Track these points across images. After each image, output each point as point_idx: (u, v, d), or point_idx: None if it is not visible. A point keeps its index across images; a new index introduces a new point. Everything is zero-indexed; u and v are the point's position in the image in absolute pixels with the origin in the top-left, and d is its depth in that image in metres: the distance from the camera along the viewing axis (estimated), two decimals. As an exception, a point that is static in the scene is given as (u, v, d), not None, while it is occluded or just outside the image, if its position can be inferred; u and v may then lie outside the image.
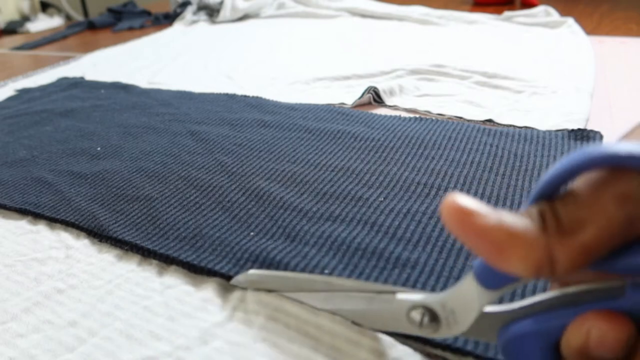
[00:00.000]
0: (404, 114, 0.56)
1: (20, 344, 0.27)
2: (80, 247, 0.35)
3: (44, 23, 1.34)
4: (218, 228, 0.35)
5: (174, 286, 0.31)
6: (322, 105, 0.58)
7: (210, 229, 0.35)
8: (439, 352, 0.25)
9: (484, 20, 1.00)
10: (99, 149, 0.49)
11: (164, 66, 0.81)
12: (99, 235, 0.36)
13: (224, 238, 0.34)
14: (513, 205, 0.37)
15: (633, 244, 0.17)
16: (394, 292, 0.24)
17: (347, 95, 0.63)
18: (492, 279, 0.20)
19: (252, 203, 0.38)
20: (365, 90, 0.60)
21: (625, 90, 0.63)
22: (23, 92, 0.70)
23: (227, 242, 0.33)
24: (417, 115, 0.55)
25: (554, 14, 0.97)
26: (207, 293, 0.30)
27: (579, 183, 0.17)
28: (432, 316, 0.23)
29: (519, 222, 0.17)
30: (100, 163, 0.46)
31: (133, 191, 0.41)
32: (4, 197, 0.41)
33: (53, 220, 0.38)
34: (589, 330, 0.17)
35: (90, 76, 0.76)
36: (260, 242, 0.33)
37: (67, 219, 0.37)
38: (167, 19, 1.25)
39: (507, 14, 1.00)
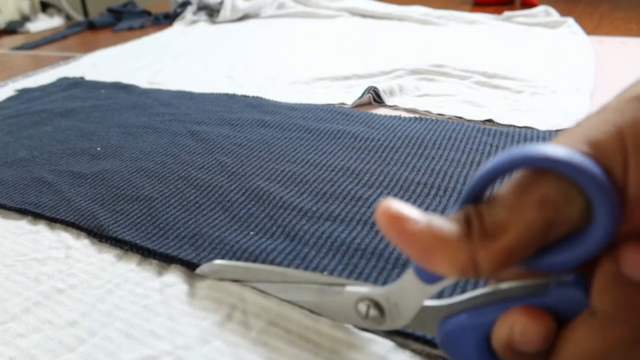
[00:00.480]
0: (404, 114, 0.56)
1: (21, 343, 0.27)
2: (80, 247, 0.35)
3: (44, 23, 1.34)
4: (218, 227, 0.35)
5: (173, 286, 0.31)
6: (322, 105, 0.58)
7: (210, 228, 0.35)
8: (440, 352, 0.25)
9: (484, 20, 1.00)
10: (99, 149, 0.49)
11: (164, 66, 0.81)
12: (99, 235, 0.36)
13: (223, 237, 0.34)
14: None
15: (556, 243, 0.18)
16: (343, 285, 0.25)
17: (347, 95, 0.63)
18: (429, 275, 0.21)
19: (252, 203, 0.38)
20: (365, 90, 0.60)
21: (625, 90, 0.63)
22: (23, 92, 0.70)
23: (227, 242, 0.33)
24: (417, 115, 0.55)
25: (554, 14, 0.97)
26: (207, 292, 0.30)
27: (505, 185, 0.18)
28: (378, 309, 0.24)
29: (445, 227, 0.18)
30: (100, 163, 0.46)
31: (133, 191, 0.41)
32: (4, 197, 0.41)
33: (53, 220, 0.38)
34: (513, 324, 0.18)
35: (90, 76, 0.76)
36: (259, 241, 0.33)
37: (67, 219, 0.37)
38: (167, 19, 1.25)
39: (507, 14, 1.00)
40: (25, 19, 1.38)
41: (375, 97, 0.60)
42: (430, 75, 0.68)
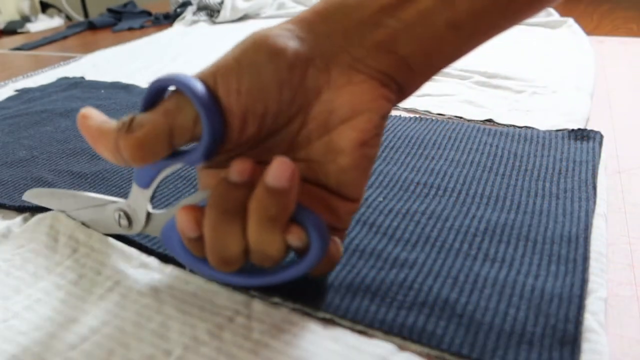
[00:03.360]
0: (404, 114, 0.56)
1: (22, 341, 0.27)
2: (79, 247, 0.35)
3: (44, 23, 1.34)
4: (218, 228, 0.35)
5: (174, 285, 0.31)
6: (322, 105, 0.58)
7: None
8: (440, 353, 0.25)
9: (484, 20, 1.00)
10: (98, 149, 0.49)
11: (164, 66, 0.81)
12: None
13: (223, 238, 0.34)
14: (513, 205, 0.37)
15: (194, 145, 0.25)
16: (112, 202, 0.31)
17: (347, 95, 0.63)
18: (141, 179, 0.28)
19: (252, 203, 0.38)
20: (365, 90, 0.60)
21: (625, 90, 0.63)
22: (23, 92, 0.70)
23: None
24: (417, 115, 0.55)
25: (554, 14, 0.97)
26: (207, 293, 0.30)
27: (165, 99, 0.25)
28: (127, 217, 0.30)
29: (107, 124, 0.24)
30: (100, 163, 0.46)
31: (133, 191, 0.41)
32: (4, 197, 0.41)
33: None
34: (178, 219, 0.26)
35: (90, 76, 0.76)
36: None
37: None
38: (167, 19, 1.25)
39: (507, 14, 1.00)
40: (25, 19, 1.38)
41: (375, 97, 0.60)
42: (430, 75, 0.68)
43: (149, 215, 0.29)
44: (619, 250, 0.33)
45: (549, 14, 0.97)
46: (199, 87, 0.23)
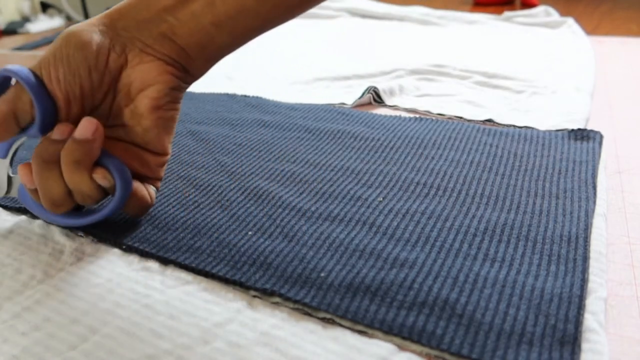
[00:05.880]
0: (404, 114, 0.56)
1: (23, 341, 0.27)
2: (79, 245, 0.35)
3: (44, 24, 1.34)
4: (216, 228, 0.35)
5: (174, 285, 0.31)
6: (322, 105, 0.58)
7: (208, 229, 0.35)
8: (440, 353, 0.25)
9: (484, 20, 1.00)
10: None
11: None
12: (98, 235, 0.35)
13: (222, 239, 0.34)
14: (512, 205, 0.37)
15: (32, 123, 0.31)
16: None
17: (347, 95, 0.63)
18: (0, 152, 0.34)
19: (251, 202, 0.38)
20: (366, 90, 0.60)
21: (625, 90, 0.63)
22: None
23: (225, 244, 0.34)
24: (417, 115, 0.55)
25: (554, 14, 0.97)
26: (207, 293, 0.30)
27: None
28: None
29: None
30: None
31: (133, 191, 0.41)
32: (2, 197, 0.41)
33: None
34: (20, 174, 0.33)
35: (90, 76, 0.76)
36: (258, 242, 0.34)
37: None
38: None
39: (507, 14, 1.00)
40: (26, 19, 1.38)
41: (375, 97, 0.60)
42: (430, 75, 0.68)
43: (9, 179, 0.35)
44: (619, 250, 0.33)
45: (549, 14, 0.98)
46: (30, 77, 0.30)
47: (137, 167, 0.34)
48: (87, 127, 0.31)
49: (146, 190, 0.35)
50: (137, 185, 0.34)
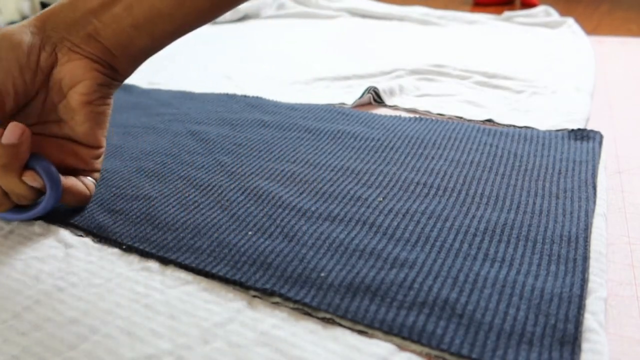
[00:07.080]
0: (404, 114, 0.56)
1: (22, 341, 0.27)
2: (79, 245, 0.35)
3: (44, 23, 1.34)
4: (216, 228, 0.35)
5: (174, 285, 0.31)
6: (322, 105, 0.58)
7: (208, 229, 0.35)
8: (446, 355, 0.25)
9: (484, 20, 1.00)
10: (99, 149, 0.49)
11: (164, 66, 0.81)
12: (98, 235, 0.36)
13: (222, 239, 0.34)
14: (513, 205, 0.37)
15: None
16: None
17: (347, 95, 0.63)
18: None
19: (251, 202, 0.38)
20: (365, 90, 0.60)
21: (625, 90, 0.63)
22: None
23: (226, 244, 0.34)
24: (417, 115, 0.55)
25: (554, 14, 0.97)
26: (207, 293, 0.30)
27: None
28: None
29: None
30: (100, 163, 0.46)
31: (132, 191, 0.41)
32: None
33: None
34: None
35: (90, 76, 0.76)
36: (258, 242, 0.34)
37: (66, 219, 0.37)
38: (168, 19, 1.24)
39: (507, 14, 1.00)
40: (26, 19, 1.38)
41: (375, 97, 0.60)
42: (430, 75, 0.68)
43: None
44: (619, 250, 0.33)
45: (549, 14, 0.98)
46: None
47: (72, 162, 0.37)
48: (13, 131, 0.32)
49: (82, 184, 0.37)
50: (71, 180, 0.36)
